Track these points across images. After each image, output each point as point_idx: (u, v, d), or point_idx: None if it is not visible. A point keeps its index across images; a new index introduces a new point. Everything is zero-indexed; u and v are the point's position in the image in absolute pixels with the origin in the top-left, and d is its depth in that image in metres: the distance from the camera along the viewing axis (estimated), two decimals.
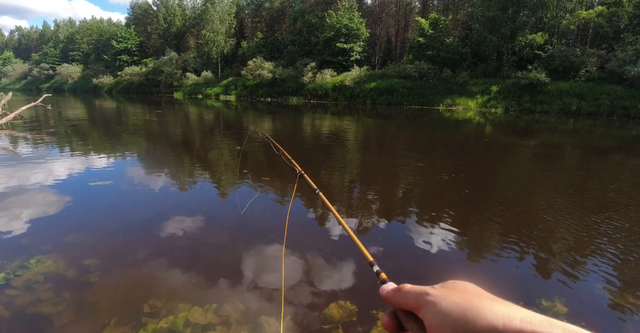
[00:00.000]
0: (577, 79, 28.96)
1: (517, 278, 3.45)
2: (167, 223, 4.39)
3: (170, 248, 3.67)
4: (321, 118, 20.58)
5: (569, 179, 7.45)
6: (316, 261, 3.52)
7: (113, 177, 6.54)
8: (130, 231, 4.20)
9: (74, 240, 3.87)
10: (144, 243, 3.88)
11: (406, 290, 0.44)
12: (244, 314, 2.65)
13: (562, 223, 4.77)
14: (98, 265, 3.33)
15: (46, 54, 70.64)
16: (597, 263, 3.68)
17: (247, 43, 49.26)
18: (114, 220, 4.54)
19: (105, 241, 3.91)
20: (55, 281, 3.07)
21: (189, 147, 10.48)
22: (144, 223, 4.46)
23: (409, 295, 0.43)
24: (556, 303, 2.92)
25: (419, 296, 0.41)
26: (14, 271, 3.20)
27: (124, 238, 4.03)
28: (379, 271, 0.60)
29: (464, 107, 30.27)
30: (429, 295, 0.40)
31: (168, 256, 3.54)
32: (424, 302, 0.40)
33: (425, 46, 34.81)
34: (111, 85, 55.85)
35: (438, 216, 4.95)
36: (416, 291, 0.42)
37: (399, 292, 0.45)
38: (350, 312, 2.66)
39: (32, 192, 5.46)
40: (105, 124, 15.74)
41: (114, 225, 4.38)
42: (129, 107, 26.71)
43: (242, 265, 3.42)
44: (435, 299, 0.39)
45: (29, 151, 8.93)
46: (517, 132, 16.74)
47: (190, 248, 3.71)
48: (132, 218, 4.63)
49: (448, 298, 0.38)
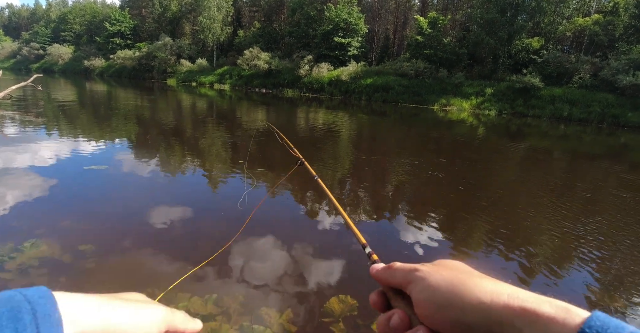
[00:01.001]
0: (571, 85, 29.36)
1: (502, 276, 3.52)
2: (166, 211, 4.35)
3: (168, 236, 3.64)
4: (316, 112, 20.52)
5: (556, 182, 7.60)
6: (317, 254, 3.53)
7: (107, 161, 6.44)
8: (127, 218, 4.16)
9: (70, 225, 3.81)
10: (141, 231, 3.85)
11: (395, 268, 0.44)
12: (244, 305, 2.66)
13: (547, 223, 4.89)
14: (94, 251, 3.29)
15: (37, 33, 68.69)
16: (580, 263, 3.79)
17: (244, 32, 48.65)
18: (110, 205, 4.48)
19: (101, 226, 3.86)
20: (50, 266, 3.03)
21: (181, 134, 10.36)
22: (141, 210, 4.41)
23: (397, 272, 0.43)
24: None
25: (408, 272, 0.41)
26: (7, 253, 3.14)
27: (121, 224, 3.98)
28: (370, 253, 0.61)
29: (458, 108, 30.48)
30: (418, 270, 0.40)
31: (165, 244, 3.52)
32: (413, 278, 0.40)
33: (423, 44, 34.85)
34: (103, 68, 54.66)
35: (426, 213, 5.00)
36: (405, 268, 0.42)
37: (388, 269, 0.45)
38: (350, 307, 2.68)
39: (24, 174, 5.34)
40: (96, 108, 15.44)
41: (110, 210, 4.32)
42: (121, 92, 26.23)
43: (242, 256, 3.42)
44: (423, 275, 0.39)
45: (18, 131, 8.71)
46: (508, 135, 16.95)
47: (188, 237, 3.69)
48: (129, 205, 4.57)
49: (437, 274, 0.38)
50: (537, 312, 0.30)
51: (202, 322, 0.37)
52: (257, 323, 2.45)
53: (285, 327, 2.46)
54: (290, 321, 2.51)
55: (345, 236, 3.86)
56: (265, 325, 2.45)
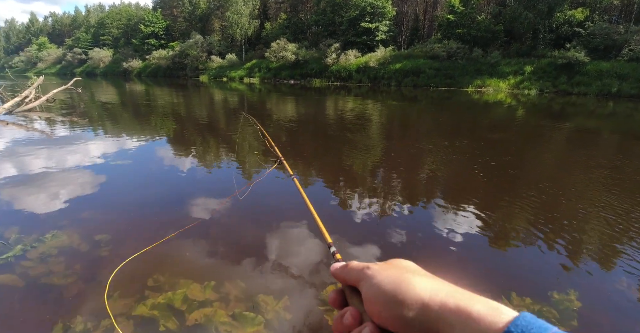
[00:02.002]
0: (619, 58, 26.97)
1: (534, 267, 3.28)
2: (177, 203, 4.46)
3: (177, 226, 3.72)
4: (344, 101, 20.26)
5: (604, 166, 6.98)
6: (321, 244, 3.47)
7: (133, 157, 6.71)
8: (142, 209, 4.30)
9: (89, 216, 4.00)
10: (153, 220, 3.98)
11: (350, 266, 0.46)
12: (243, 291, 2.65)
13: (591, 212, 4.48)
14: (109, 240, 3.43)
15: (78, 39, 72.77)
16: (625, 257, 3.41)
17: (270, 24, 48.78)
18: (129, 197, 4.66)
19: (118, 217, 4.02)
20: (67, 255, 3.18)
21: (210, 130, 10.59)
22: (156, 202, 4.55)
23: (352, 271, 0.45)
24: (570, 296, 2.74)
25: (360, 271, 0.43)
26: (30, 243, 3.34)
27: (135, 215, 4.13)
28: (334, 252, 0.64)
29: (495, 88, 28.98)
30: (368, 268, 0.42)
31: (174, 232, 3.60)
32: (363, 276, 0.42)
33: (455, 23, 33.30)
34: (140, 69, 57.07)
35: (463, 201, 4.76)
36: (359, 266, 0.44)
37: (345, 268, 0.46)
38: None
39: (55, 171, 5.68)
40: (132, 107, 16.15)
41: (128, 202, 4.50)
42: (157, 90, 27.26)
43: (246, 245, 3.43)
44: (373, 273, 0.41)
45: (59, 132, 9.28)
46: (551, 115, 15.86)
47: (197, 227, 3.74)
48: (145, 197, 4.72)
49: (384, 272, 0.40)
50: (469, 310, 0.32)
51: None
52: (252, 311, 2.43)
53: (280, 314, 2.43)
54: (285, 308, 2.48)
55: (350, 229, 3.73)
56: (259, 312, 2.43)
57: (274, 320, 2.38)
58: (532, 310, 2.58)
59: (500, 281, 3.01)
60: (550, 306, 2.63)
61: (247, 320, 2.35)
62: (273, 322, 2.37)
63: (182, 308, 2.44)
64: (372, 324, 0.38)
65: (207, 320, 2.35)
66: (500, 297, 2.71)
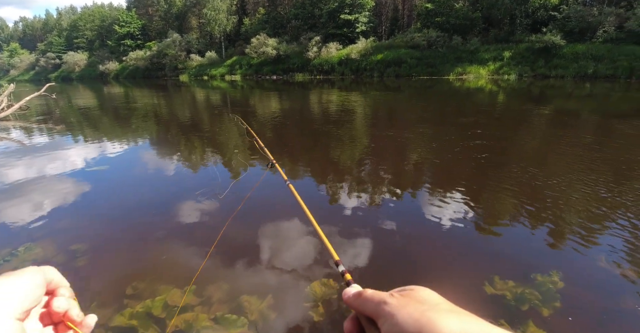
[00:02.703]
0: (594, 40, 27.48)
1: (517, 250, 3.31)
2: (158, 208, 4.35)
3: (154, 231, 3.64)
4: (327, 94, 20.17)
5: (586, 146, 7.09)
6: (305, 240, 3.42)
7: (111, 163, 6.52)
8: (121, 216, 4.18)
9: (64, 226, 3.87)
10: (129, 227, 3.88)
11: (365, 297, 0.42)
12: (226, 294, 2.59)
13: (573, 192, 4.54)
14: (85, 250, 3.31)
15: (51, 43, 70.55)
16: (606, 237, 3.47)
17: (249, 20, 48.15)
18: (107, 205, 4.51)
19: (95, 226, 3.90)
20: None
21: (192, 131, 10.41)
22: (136, 208, 4.43)
23: (367, 303, 0.41)
24: (553, 277, 2.77)
25: (377, 305, 0.40)
26: (2, 258, 3.21)
27: (114, 222, 4.01)
28: (344, 272, 0.57)
29: (475, 75, 29.25)
30: (386, 304, 0.39)
31: (151, 238, 3.52)
32: (382, 312, 0.39)
33: (433, 12, 33.40)
34: (117, 71, 55.81)
35: (448, 187, 4.77)
36: (375, 299, 0.41)
37: (359, 297, 0.43)
38: (332, 290, 2.57)
39: (29, 181, 5.48)
40: (110, 110, 15.76)
41: (106, 209, 4.37)
42: (136, 92, 26.67)
43: (227, 247, 3.37)
44: (392, 310, 0.38)
45: (33, 140, 8.98)
46: (530, 99, 16.09)
47: (174, 231, 3.67)
48: (124, 203, 4.60)
49: (404, 310, 0.37)
50: None
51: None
52: (235, 313, 2.38)
53: (264, 314, 2.38)
54: (270, 307, 2.43)
55: (335, 224, 3.69)
56: (242, 313, 2.38)
57: (258, 321, 2.33)
58: (514, 293, 2.59)
59: (483, 266, 3.02)
60: (533, 288, 2.64)
61: (230, 323, 2.30)
62: (257, 322, 2.33)
63: (162, 315, 2.37)
64: None
65: (188, 326, 2.29)
66: (483, 281, 2.72)
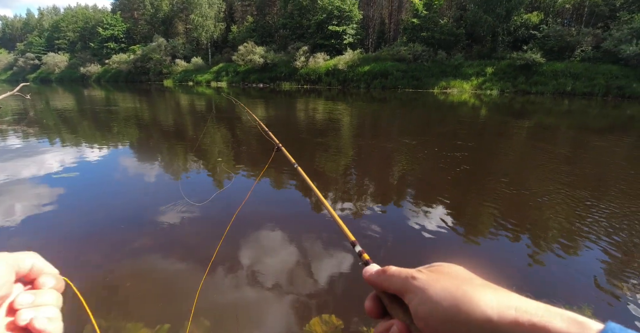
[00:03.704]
0: (573, 59, 28.66)
1: (506, 260, 3.31)
2: (125, 221, 4.03)
3: (126, 252, 3.31)
4: (314, 103, 20.22)
5: (564, 160, 7.30)
6: (299, 266, 3.17)
7: (80, 169, 6.12)
8: (81, 231, 3.78)
9: (13, 244, 3.47)
10: (96, 245, 3.48)
11: (391, 273, 0.41)
12: (207, 331, 2.32)
13: (555, 204, 4.64)
14: None
15: (31, 43, 68.63)
16: (588, 245, 3.57)
17: (237, 27, 48.12)
18: (65, 217, 4.14)
19: (50, 244, 3.47)
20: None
21: (174, 136, 10.19)
22: (98, 222, 4.05)
23: (393, 279, 0.40)
24: (527, 293, 2.77)
25: (405, 280, 0.38)
26: None
27: (72, 239, 3.62)
28: (361, 252, 0.55)
29: (459, 89, 29.95)
30: (415, 279, 0.38)
31: (121, 262, 3.14)
32: (411, 287, 0.37)
33: (419, 27, 34.18)
34: (99, 74, 54.59)
35: (429, 198, 4.78)
36: (402, 274, 0.39)
37: (383, 274, 0.42)
38: (335, 329, 2.32)
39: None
40: (90, 114, 15.31)
41: (64, 223, 3.96)
42: (118, 96, 26.07)
43: (208, 272, 3.00)
44: (422, 284, 0.37)
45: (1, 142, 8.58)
46: (512, 114, 16.54)
47: (149, 252, 3.36)
48: (85, 216, 4.21)
49: (437, 284, 0.36)
50: (549, 328, 0.29)
51: None
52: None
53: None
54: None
55: (331, 241, 3.56)
56: None
57: None
58: None
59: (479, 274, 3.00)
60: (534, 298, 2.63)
61: None
62: None
63: None
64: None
65: None
66: None
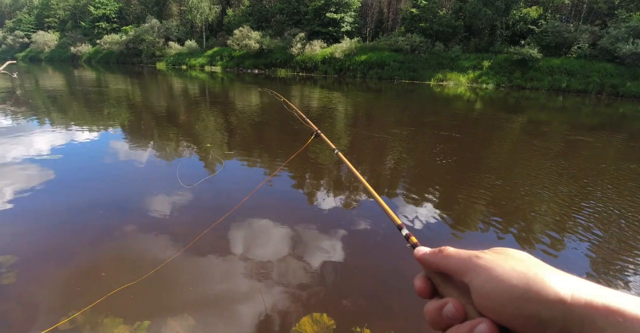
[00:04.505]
0: (569, 55, 28.68)
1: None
2: (107, 207, 3.88)
3: (104, 244, 3.17)
4: (310, 91, 20.00)
5: (556, 155, 7.34)
6: (289, 261, 3.06)
7: (65, 151, 5.97)
8: (61, 217, 3.62)
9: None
10: (74, 236, 3.32)
11: (448, 253, 0.41)
12: (191, 330, 2.22)
13: (545, 199, 4.70)
14: (13, 264, 2.81)
15: (20, 21, 66.41)
16: (576, 240, 3.66)
17: (233, 11, 47.12)
18: (45, 202, 3.96)
19: (28, 231, 3.32)
20: None
21: (163, 121, 10.00)
22: (80, 207, 3.87)
23: (452, 258, 0.40)
24: None
25: (467, 259, 0.38)
26: None
27: (51, 225, 3.47)
28: (408, 235, 0.56)
29: (455, 82, 29.86)
30: (480, 258, 0.37)
31: (100, 255, 3.02)
32: (475, 266, 0.37)
33: (418, 17, 33.82)
34: (90, 54, 53.25)
35: (422, 190, 4.77)
36: (462, 254, 0.39)
37: (439, 253, 0.42)
38: (326, 328, 2.23)
39: None
40: (80, 95, 14.95)
41: (43, 208, 3.81)
42: (109, 77, 25.49)
43: (192, 267, 2.89)
44: (489, 264, 0.36)
45: None
46: (506, 108, 16.56)
47: (126, 243, 3.24)
48: (65, 201, 4.04)
49: (505, 264, 0.36)
50: (623, 312, 0.28)
51: None
52: None
53: None
54: None
55: (325, 232, 3.51)
56: None
57: None
58: None
59: None
60: None
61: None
62: None
63: None
64: (490, 322, 0.34)
65: None
66: None
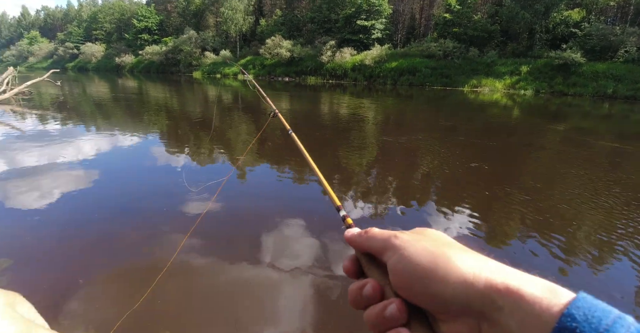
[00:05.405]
0: (615, 60, 26.97)
1: (536, 267, 3.03)
2: (105, 217, 3.83)
3: (108, 248, 3.14)
4: (339, 98, 19.95)
5: (599, 167, 6.77)
6: (285, 275, 2.95)
7: (102, 155, 6.27)
8: (65, 221, 3.64)
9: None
10: (75, 237, 3.31)
11: (372, 233, 0.42)
12: None
13: (585, 216, 4.28)
14: (8, 267, 2.78)
15: (70, 33, 71.57)
16: (616, 262, 3.26)
17: (265, 21, 48.30)
18: (46, 208, 3.97)
19: (32, 234, 3.32)
20: None
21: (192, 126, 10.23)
22: (81, 213, 3.87)
23: (374, 238, 0.41)
24: None
25: (386, 239, 0.39)
26: None
27: (51, 226, 3.48)
28: (345, 216, 0.56)
29: (491, 88, 28.84)
30: (397, 238, 0.38)
31: (102, 259, 2.92)
32: (391, 245, 0.38)
33: (451, 22, 33.12)
34: (133, 64, 56.23)
35: (454, 201, 4.50)
36: (384, 234, 0.40)
37: (364, 234, 0.43)
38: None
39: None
40: (123, 102, 15.69)
41: (48, 215, 3.81)
42: (149, 86, 26.69)
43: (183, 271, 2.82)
44: (403, 243, 0.37)
45: (22, 125, 8.87)
46: (546, 115, 15.70)
47: (114, 247, 3.19)
48: (67, 205, 4.06)
49: (417, 244, 0.36)
50: (521, 292, 0.29)
51: None
52: None
53: None
54: None
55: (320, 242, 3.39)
56: None
57: None
58: None
59: None
60: None
61: None
62: None
63: None
64: (399, 301, 0.35)
65: None
66: None
